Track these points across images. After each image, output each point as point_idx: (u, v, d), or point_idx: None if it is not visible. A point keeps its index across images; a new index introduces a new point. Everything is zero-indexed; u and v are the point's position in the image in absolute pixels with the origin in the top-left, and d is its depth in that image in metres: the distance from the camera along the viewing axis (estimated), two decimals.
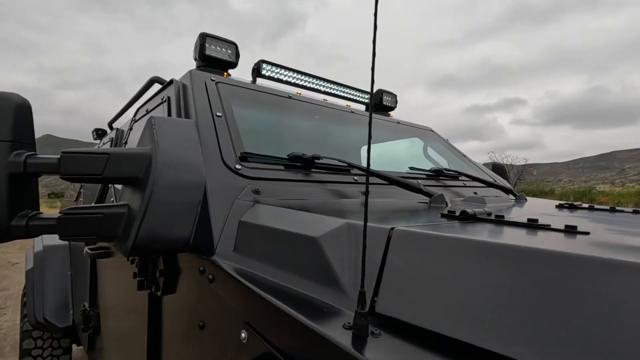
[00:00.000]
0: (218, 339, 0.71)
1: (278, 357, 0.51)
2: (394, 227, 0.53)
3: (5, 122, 0.71)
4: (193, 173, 0.81)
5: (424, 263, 0.46)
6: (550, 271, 0.38)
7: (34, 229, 0.72)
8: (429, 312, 0.42)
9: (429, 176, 1.60)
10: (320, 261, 0.56)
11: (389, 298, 0.46)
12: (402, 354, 0.38)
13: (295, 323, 0.47)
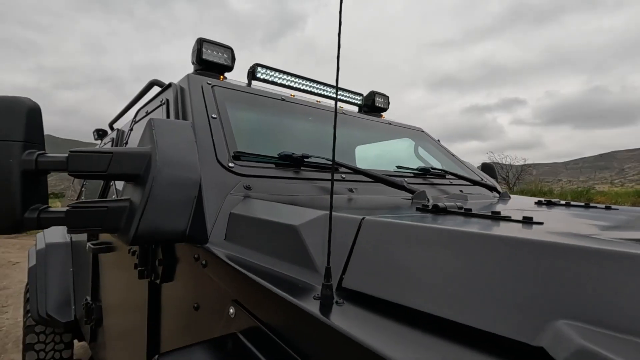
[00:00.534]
0: (210, 317, 0.79)
1: (261, 327, 0.58)
2: (365, 217, 0.60)
3: (19, 124, 0.78)
4: (189, 171, 0.89)
5: (385, 246, 0.54)
6: (491, 251, 0.45)
7: (44, 221, 0.80)
8: (386, 285, 0.49)
9: (416, 175, 1.67)
10: (299, 246, 0.63)
11: (354, 275, 0.54)
12: (358, 317, 0.46)
13: (275, 297, 0.55)
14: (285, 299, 0.52)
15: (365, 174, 1.23)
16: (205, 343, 0.62)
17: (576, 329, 0.34)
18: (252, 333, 0.61)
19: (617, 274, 0.37)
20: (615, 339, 0.33)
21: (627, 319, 0.34)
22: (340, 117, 1.90)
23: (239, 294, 0.68)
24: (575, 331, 0.33)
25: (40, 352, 2.56)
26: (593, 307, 0.36)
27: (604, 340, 0.32)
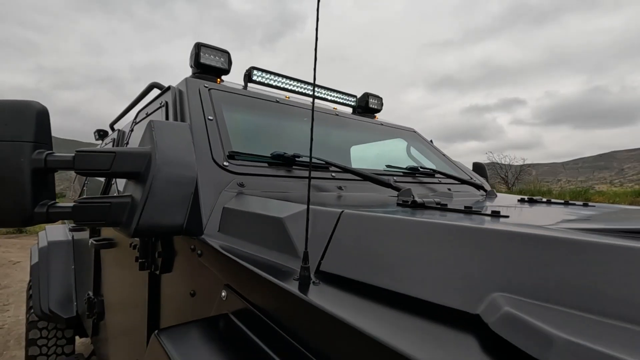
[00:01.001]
0: (205, 301, 0.86)
1: (249, 307, 0.65)
2: (344, 210, 0.67)
3: (29, 126, 0.85)
4: (186, 169, 0.96)
5: (358, 234, 0.61)
6: (444, 237, 0.52)
7: (52, 215, 0.86)
8: (357, 268, 0.56)
9: (405, 174, 1.74)
10: (284, 236, 0.70)
11: (331, 260, 0.60)
12: (331, 294, 0.53)
13: (261, 280, 0.61)
14: (269, 280, 0.59)
15: (354, 173, 1.30)
16: (200, 322, 0.69)
17: (507, 299, 0.40)
18: (241, 313, 0.68)
19: (546, 256, 0.43)
20: (538, 307, 0.39)
21: (550, 292, 0.41)
22: (334, 119, 1.97)
23: (230, 279, 0.75)
24: (505, 301, 0.40)
25: (43, 347, 2.63)
26: (524, 282, 0.42)
27: (528, 307, 0.39)
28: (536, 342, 0.33)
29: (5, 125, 0.83)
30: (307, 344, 0.53)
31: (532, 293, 0.41)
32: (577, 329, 0.34)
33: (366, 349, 0.42)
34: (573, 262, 0.41)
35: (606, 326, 0.35)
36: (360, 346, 0.42)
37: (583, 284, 0.39)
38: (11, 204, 0.82)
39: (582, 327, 0.35)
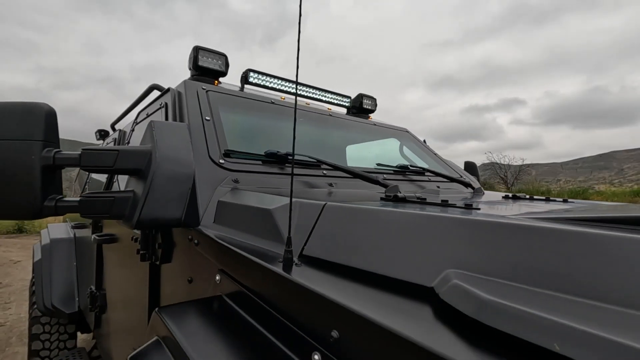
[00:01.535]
0: (201, 286, 0.93)
1: (240, 288, 0.72)
2: (326, 203, 0.74)
3: (39, 126, 0.92)
4: (185, 166, 1.03)
5: (337, 223, 0.67)
6: (409, 224, 0.59)
7: (60, 209, 0.93)
8: (334, 251, 0.63)
9: (396, 172, 1.80)
10: (272, 225, 0.77)
11: (313, 246, 0.67)
12: (310, 273, 0.59)
13: (251, 264, 0.68)
14: (257, 263, 0.66)
15: (344, 170, 1.37)
16: (196, 302, 0.76)
17: (456, 274, 0.47)
18: (233, 293, 0.75)
19: (492, 238, 0.50)
20: (482, 279, 0.46)
21: (494, 267, 0.48)
22: (329, 119, 2.03)
23: (224, 264, 0.82)
24: (454, 275, 0.47)
25: (46, 341, 2.69)
26: (473, 260, 0.49)
27: (472, 279, 0.46)
28: (473, 305, 0.40)
29: (17, 125, 0.90)
30: (290, 316, 0.60)
31: (480, 269, 0.48)
32: (510, 295, 0.41)
33: (339, 318, 0.48)
34: (514, 243, 0.48)
35: (537, 294, 0.42)
36: (335, 315, 0.49)
37: (522, 261, 0.46)
38: (22, 198, 0.89)
39: (515, 294, 0.41)
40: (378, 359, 0.42)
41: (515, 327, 0.35)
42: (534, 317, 0.35)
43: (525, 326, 0.35)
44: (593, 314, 0.36)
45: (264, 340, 0.60)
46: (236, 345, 0.59)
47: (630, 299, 0.37)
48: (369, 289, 0.52)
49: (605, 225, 0.53)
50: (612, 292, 0.38)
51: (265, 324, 0.64)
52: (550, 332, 0.33)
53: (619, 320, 0.35)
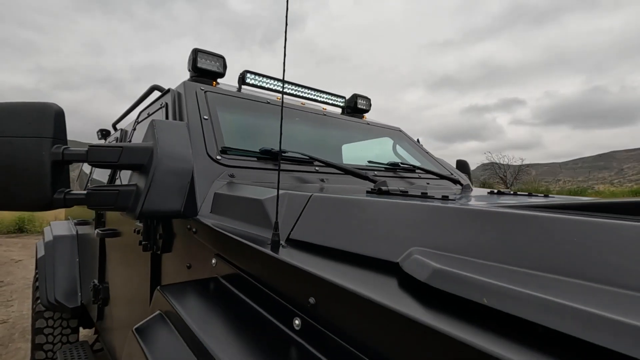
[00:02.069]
0: (199, 271, 1.00)
1: (233, 269, 0.80)
2: (313, 194, 0.81)
3: (49, 125, 0.99)
4: (184, 162, 1.10)
5: (322, 212, 0.75)
6: (381, 211, 0.66)
7: (69, 201, 1.01)
8: (316, 235, 0.70)
9: (387, 169, 1.88)
10: (263, 214, 0.84)
11: (298, 231, 0.75)
12: (294, 253, 0.67)
13: (243, 246, 0.76)
14: (249, 246, 0.73)
15: (335, 167, 1.44)
16: (194, 282, 0.84)
17: (418, 250, 0.54)
18: (227, 274, 0.83)
19: (452, 221, 0.58)
20: (439, 255, 0.53)
21: (453, 245, 0.55)
22: (325, 119, 2.11)
23: (219, 249, 0.90)
24: (416, 251, 0.54)
25: (49, 335, 2.77)
26: (435, 240, 0.57)
27: (430, 255, 0.53)
28: (425, 272, 0.47)
29: (29, 124, 0.97)
30: (275, 289, 0.68)
31: (439, 247, 0.55)
32: (456, 265, 0.48)
33: (315, 286, 0.56)
34: (468, 225, 0.55)
35: (481, 265, 0.49)
36: (311, 284, 0.57)
37: (472, 239, 0.54)
38: (34, 191, 0.96)
39: (461, 264, 0.49)
40: (347, 319, 0.50)
41: (454, 286, 0.43)
42: (469, 278, 0.42)
43: (462, 286, 0.42)
44: (519, 278, 0.43)
45: (253, 312, 0.67)
46: (230, 317, 0.67)
47: (555, 267, 0.44)
48: (344, 264, 0.60)
49: (557, 211, 0.60)
50: (540, 262, 0.45)
51: (255, 298, 0.72)
52: (481, 289, 0.41)
53: (541, 282, 0.42)
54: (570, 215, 0.50)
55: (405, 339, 0.42)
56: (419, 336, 0.41)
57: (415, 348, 0.41)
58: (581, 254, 0.43)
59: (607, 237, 0.43)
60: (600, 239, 0.43)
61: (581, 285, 0.40)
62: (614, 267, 0.40)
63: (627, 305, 0.35)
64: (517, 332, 0.37)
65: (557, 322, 0.34)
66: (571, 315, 0.34)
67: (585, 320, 0.33)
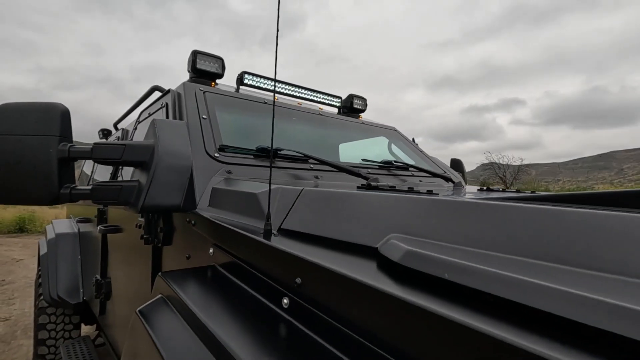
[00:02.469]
0: (197, 260, 1.06)
1: (230, 257, 0.86)
2: (304, 188, 0.87)
3: (55, 123, 1.05)
4: (183, 159, 1.16)
5: (312, 204, 0.80)
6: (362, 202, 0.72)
7: (75, 196, 1.06)
8: (305, 224, 0.76)
9: (380, 167, 1.93)
10: (257, 206, 0.90)
11: (289, 221, 0.80)
12: (285, 240, 0.72)
13: (238, 236, 0.81)
14: (243, 235, 0.79)
15: (329, 164, 1.50)
16: (194, 269, 0.90)
17: (396, 237, 0.60)
18: (224, 262, 0.89)
19: (428, 210, 0.63)
20: (414, 240, 0.59)
21: (427, 232, 0.61)
22: (323, 119, 2.16)
23: (216, 239, 0.96)
24: (395, 238, 0.59)
25: (52, 331, 2.82)
26: (412, 227, 0.62)
27: (405, 239, 0.58)
28: (398, 253, 0.53)
29: (37, 123, 1.03)
30: (266, 273, 0.74)
31: (415, 233, 0.61)
32: (427, 247, 0.54)
33: (301, 268, 0.62)
34: (441, 213, 0.61)
35: (449, 248, 0.55)
36: (298, 266, 0.62)
37: (444, 226, 0.59)
38: (42, 187, 1.02)
39: (431, 247, 0.54)
40: (329, 296, 0.56)
41: (422, 265, 0.48)
42: (435, 257, 0.48)
43: (428, 264, 0.48)
44: (480, 258, 0.49)
45: (247, 294, 0.73)
46: (226, 299, 0.72)
47: (512, 249, 0.50)
48: (328, 250, 0.65)
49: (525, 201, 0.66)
50: (500, 245, 0.51)
51: (248, 282, 0.78)
52: (444, 266, 0.46)
53: (499, 261, 0.47)
54: (531, 204, 0.56)
55: (380, 311, 0.48)
56: (392, 308, 0.46)
57: (387, 318, 0.47)
58: (537, 238, 0.49)
59: (558, 221, 0.49)
60: (553, 224, 0.49)
61: (534, 263, 0.46)
62: (564, 247, 0.46)
63: (563, 275, 0.40)
64: (474, 302, 0.43)
65: (506, 291, 0.40)
66: (517, 284, 0.40)
67: (528, 289, 0.38)
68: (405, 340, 0.44)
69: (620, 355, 0.31)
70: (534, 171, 40.12)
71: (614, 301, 0.32)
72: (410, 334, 0.44)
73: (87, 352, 2.37)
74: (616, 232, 0.43)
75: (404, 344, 0.45)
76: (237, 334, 0.59)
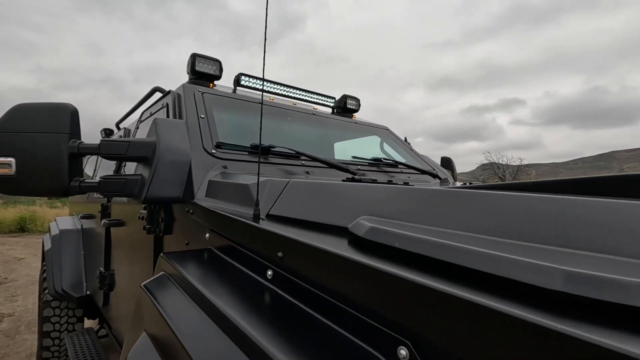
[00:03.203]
0: (195, 245, 1.16)
1: (224, 240, 0.96)
2: (290, 180, 0.97)
3: (65, 122, 1.15)
4: (183, 155, 1.26)
5: (296, 192, 0.91)
6: (339, 191, 0.82)
7: (84, 188, 1.16)
8: (289, 209, 0.86)
9: (370, 164, 2.03)
10: (248, 196, 1.00)
11: (277, 208, 0.90)
12: (271, 223, 0.83)
13: (231, 220, 0.92)
14: (236, 220, 0.89)
15: (320, 161, 1.60)
16: (192, 251, 1.00)
17: (365, 218, 0.70)
18: (218, 245, 1.00)
19: (393, 196, 0.73)
20: (380, 220, 0.69)
21: (391, 214, 0.70)
22: (315, 118, 2.26)
23: (212, 225, 1.06)
24: (363, 219, 0.69)
25: (56, 324, 2.92)
26: (378, 210, 0.72)
27: (371, 220, 0.68)
28: (362, 229, 0.63)
29: (49, 121, 1.13)
30: (254, 251, 0.84)
31: (381, 215, 0.71)
32: (387, 225, 0.64)
33: (282, 243, 0.72)
34: (406, 200, 0.71)
35: (408, 226, 0.65)
36: (280, 242, 0.72)
37: (405, 209, 0.69)
38: (54, 180, 1.12)
39: (391, 224, 0.64)
40: (306, 266, 0.66)
41: (380, 237, 0.58)
42: (390, 231, 0.58)
43: (384, 236, 0.58)
44: (426, 231, 0.59)
45: (238, 269, 0.84)
46: (221, 274, 0.83)
47: (458, 225, 0.60)
48: (308, 230, 0.75)
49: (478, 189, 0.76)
50: (449, 222, 0.61)
51: (238, 259, 0.88)
52: (396, 237, 0.56)
53: (448, 236, 0.57)
54: (473, 190, 0.66)
55: (347, 276, 0.58)
56: (357, 273, 0.56)
57: (353, 282, 0.57)
58: (475, 216, 0.58)
59: (493, 203, 0.59)
60: (489, 206, 0.59)
61: (468, 235, 0.56)
62: (496, 223, 0.55)
63: (489, 243, 0.50)
64: (419, 264, 0.52)
65: (441, 254, 0.50)
66: (451, 248, 0.49)
67: (458, 252, 0.48)
68: (368, 299, 0.54)
69: (547, 306, 0.38)
70: (534, 171, 40.18)
71: (535, 261, 0.41)
72: (371, 293, 0.54)
73: (91, 342, 2.47)
74: (540, 211, 0.53)
75: (368, 302, 0.55)
76: (230, 301, 0.69)
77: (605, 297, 0.36)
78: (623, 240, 0.45)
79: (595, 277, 0.37)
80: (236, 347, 0.59)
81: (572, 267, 0.39)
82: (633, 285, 0.35)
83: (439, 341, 0.44)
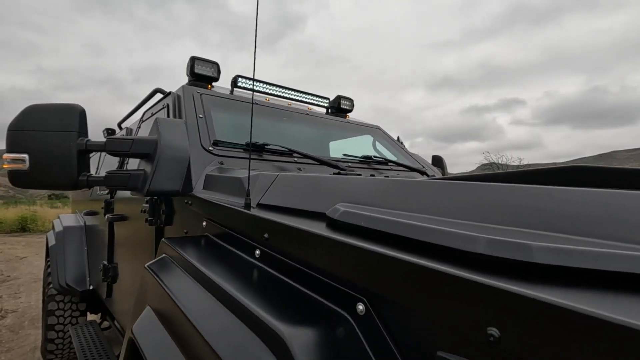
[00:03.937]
0: (193, 233, 1.27)
1: (219, 227, 1.06)
2: (280, 173, 1.07)
3: (74, 121, 1.25)
4: (182, 152, 1.37)
5: (284, 184, 1.01)
6: (323, 182, 0.92)
7: (91, 182, 1.27)
8: (277, 198, 0.96)
9: (361, 161, 2.13)
10: (241, 187, 1.10)
11: (266, 198, 1.00)
12: (261, 211, 0.93)
13: (225, 209, 1.02)
14: (229, 208, 0.99)
15: (311, 158, 1.70)
16: (190, 237, 1.10)
17: (341, 204, 0.80)
18: (214, 232, 1.10)
19: (369, 187, 0.83)
20: (354, 205, 0.79)
21: (364, 200, 0.80)
22: (309, 118, 2.36)
23: (208, 214, 1.16)
24: (339, 205, 0.79)
25: (60, 317, 3.02)
26: (354, 197, 0.82)
27: (348, 206, 0.78)
28: (336, 213, 0.73)
29: (59, 120, 1.23)
30: (244, 234, 0.94)
31: (355, 201, 0.81)
32: (358, 209, 0.74)
33: (268, 226, 0.82)
34: (379, 189, 0.81)
35: (376, 210, 0.75)
36: (266, 225, 0.83)
37: (375, 196, 0.79)
38: (64, 174, 1.22)
39: (362, 209, 0.74)
40: (288, 245, 0.76)
41: (350, 218, 0.68)
42: (358, 213, 0.68)
43: (353, 217, 0.68)
44: (392, 214, 0.69)
45: (230, 251, 0.94)
46: (216, 255, 0.93)
47: (422, 209, 0.70)
48: (292, 216, 0.86)
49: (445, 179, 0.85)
50: (410, 205, 0.71)
51: (231, 242, 0.99)
52: (362, 218, 0.66)
53: (409, 217, 0.67)
54: (437, 180, 0.76)
55: (320, 250, 0.68)
56: (331, 248, 0.66)
57: (328, 256, 0.67)
58: (437, 202, 0.68)
59: (451, 192, 0.69)
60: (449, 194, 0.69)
61: (428, 218, 0.66)
62: (457, 207, 0.65)
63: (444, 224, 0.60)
64: (383, 239, 0.62)
65: (403, 230, 0.59)
66: (410, 226, 0.59)
67: (414, 228, 0.58)
68: (336, 268, 0.65)
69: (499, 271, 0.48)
70: None
71: (465, 231, 0.52)
72: (338, 263, 0.64)
73: (94, 334, 2.57)
74: (483, 197, 0.63)
75: (335, 270, 0.65)
76: (224, 276, 0.79)
77: (514, 256, 0.46)
78: (545, 219, 0.55)
79: (508, 242, 0.47)
80: (231, 314, 0.69)
81: (494, 236, 0.49)
82: (534, 247, 0.45)
83: (388, 296, 0.54)
